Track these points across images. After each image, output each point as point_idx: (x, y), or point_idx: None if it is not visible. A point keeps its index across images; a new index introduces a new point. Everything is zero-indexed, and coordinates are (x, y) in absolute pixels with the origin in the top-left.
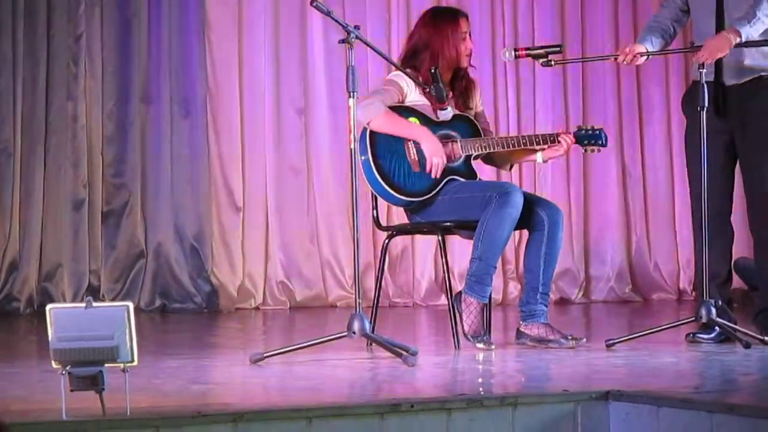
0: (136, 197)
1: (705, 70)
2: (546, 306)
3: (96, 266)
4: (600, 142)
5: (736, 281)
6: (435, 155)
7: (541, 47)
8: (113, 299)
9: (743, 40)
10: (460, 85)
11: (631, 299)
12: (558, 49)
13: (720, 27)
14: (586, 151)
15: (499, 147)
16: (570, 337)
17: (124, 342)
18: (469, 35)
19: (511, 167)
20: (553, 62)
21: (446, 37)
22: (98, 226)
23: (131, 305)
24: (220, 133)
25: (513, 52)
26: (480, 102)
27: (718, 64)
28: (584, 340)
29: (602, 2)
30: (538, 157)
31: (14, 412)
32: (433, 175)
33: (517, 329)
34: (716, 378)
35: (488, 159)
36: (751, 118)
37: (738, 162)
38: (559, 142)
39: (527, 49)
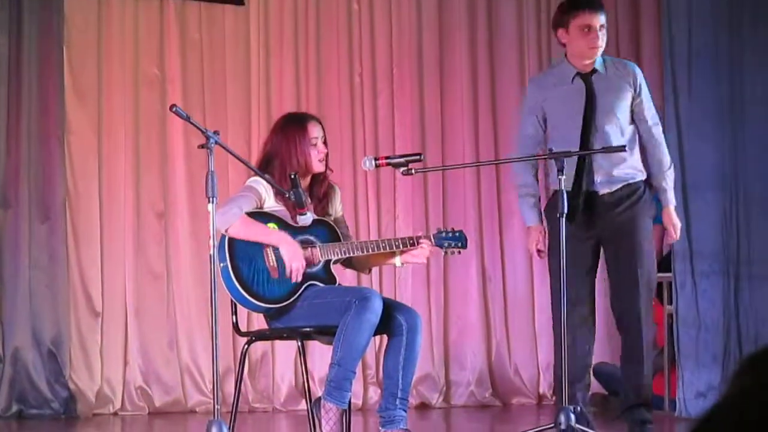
0: None
1: (564, 177)
2: (405, 411)
3: None
4: (460, 244)
5: (595, 385)
6: (293, 260)
7: (401, 156)
8: None
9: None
10: (319, 190)
11: (491, 404)
12: (418, 157)
13: (586, 134)
14: (446, 253)
15: (358, 251)
16: None
17: None
18: (323, 139)
19: (370, 270)
20: (413, 171)
21: (294, 144)
22: None
23: None
24: (79, 237)
25: (373, 161)
26: (340, 207)
27: (589, 174)
28: None
29: (461, 109)
30: (397, 261)
31: None
32: (292, 280)
33: None
34: None
35: (348, 263)
36: (626, 229)
37: (607, 270)
38: (418, 244)
39: (387, 158)
